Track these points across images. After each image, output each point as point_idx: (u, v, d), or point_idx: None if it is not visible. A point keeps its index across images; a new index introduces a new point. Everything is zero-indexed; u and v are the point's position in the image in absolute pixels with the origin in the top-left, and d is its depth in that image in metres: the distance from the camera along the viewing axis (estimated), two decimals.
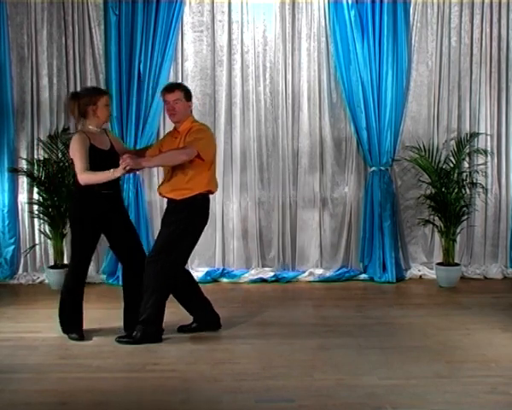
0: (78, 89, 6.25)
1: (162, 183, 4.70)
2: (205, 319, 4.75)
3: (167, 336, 4.62)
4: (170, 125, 6.32)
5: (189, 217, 4.48)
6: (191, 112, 4.66)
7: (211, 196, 4.69)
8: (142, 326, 4.47)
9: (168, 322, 4.72)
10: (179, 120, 4.54)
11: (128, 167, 4.31)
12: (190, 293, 4.74)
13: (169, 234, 4.51)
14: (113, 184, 4.49)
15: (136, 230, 6.26)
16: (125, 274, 4.70)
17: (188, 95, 4.59)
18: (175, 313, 4.78)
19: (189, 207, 4.48)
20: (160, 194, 4.70)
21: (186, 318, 4.72)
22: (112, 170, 4.33)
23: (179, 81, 5.99)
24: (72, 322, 4.61)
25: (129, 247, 4.67)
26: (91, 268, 6.36)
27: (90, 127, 4.49)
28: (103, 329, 4.85)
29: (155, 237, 6.31)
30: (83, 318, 4.64)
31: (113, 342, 4.51)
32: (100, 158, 4.44)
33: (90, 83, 6.29)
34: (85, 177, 4.38)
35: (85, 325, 4.93)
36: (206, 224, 4.64)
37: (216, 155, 4.69)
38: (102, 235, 4.68)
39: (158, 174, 6.39)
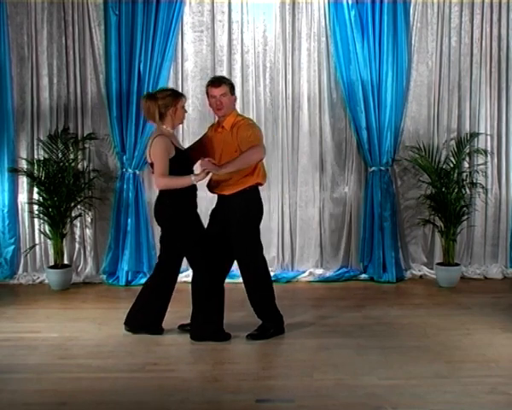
0: (78, 89, 6.28)
1: (211, 179, 4.64)
2: None
3: (167, 336, 4.62)
4: None
5: (247, 213, 4.50)
6: (235, 106, 4.65)
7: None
8: (272, 323, 4.61)
9: (168, 321, 4.73)
10: (225, 114, 4.52)
11: (207, 171, 4.26)
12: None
13: (243, 235, 4.51)
14: (195, 199, 4.53)
15: (137, 230, 6.32)
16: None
17: (232, 88, 4.59)
18: (175, 311, 4.77)
19: (244, 204, 4.48)
20: (210, 191, 4.66)
21: (186, 316, 4.71)
22: (192, 176, 4.30)
23: (176, 82, 5.97)
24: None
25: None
26: (91, 268, 6.40)
27: (167, 128, 4.45)
28: (103, 329, 4.85)
29: (156, 238, 6.39)
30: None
31: (113, 343, 4.52)
32: (184, 159, 4.42)
33: (89, 83, 6.30)
34: (165, 181, 4.31)
35: (85, 325, 4.95)
36: (261, 213, 4.63)
37: None
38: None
39: None
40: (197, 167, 4.50)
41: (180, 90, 6.26)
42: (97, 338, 4.63)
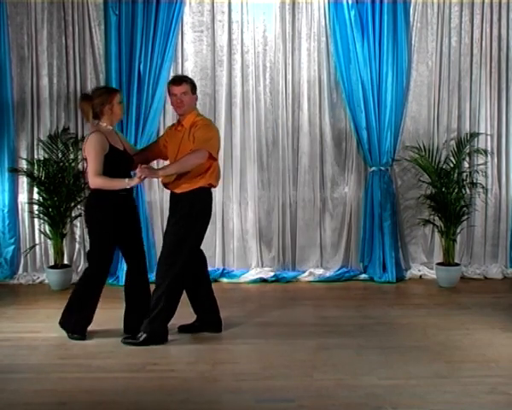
0: (78, 88, 6.28)
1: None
2: (207, 321, 4.74)
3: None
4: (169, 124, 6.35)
5: (191, 211, 4.46)
6: (196, 105, 4.66)
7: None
8: (150, 325, 4.45)
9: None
10: (185, 112, 4.53)
11: (143, 177, 4.32)
12: (202, 291, 4.72)
13: (176, 232, 4.48)
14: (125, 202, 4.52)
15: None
16: (130, 275, 4.67)
17: (194, 88, 4.61)
18: (176, 312, 4.77)
19: (191, 202, 4.47)
20: (165, 187, 4.69)
21: (187, 317, 4.72)
22: (127, 180, 4.35)
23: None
24: (81, 322, 4.60)
25: (137, 247, 4.65)
26: None
27: (107, 126, 4.46)
28: (103, 329, 4.85)
29: (156, 236, 6.39)
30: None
31: (113, 343, 4.51)
32: (118, 158, 4.42)
33: (89, 83, 6.30)
34: (99, 181, 4.33)
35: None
36: (209, 217, 4.61)
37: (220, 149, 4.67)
38: None
39: None
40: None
41: None
42: (97, 338, 4.63)
